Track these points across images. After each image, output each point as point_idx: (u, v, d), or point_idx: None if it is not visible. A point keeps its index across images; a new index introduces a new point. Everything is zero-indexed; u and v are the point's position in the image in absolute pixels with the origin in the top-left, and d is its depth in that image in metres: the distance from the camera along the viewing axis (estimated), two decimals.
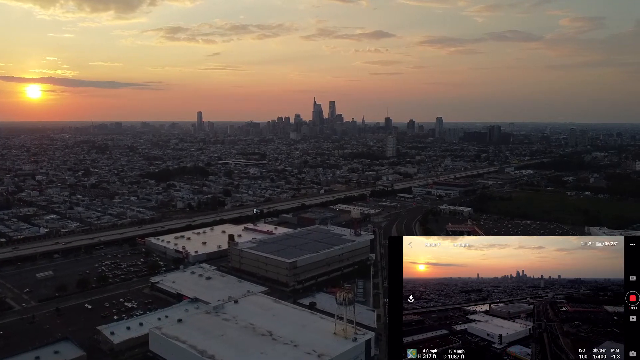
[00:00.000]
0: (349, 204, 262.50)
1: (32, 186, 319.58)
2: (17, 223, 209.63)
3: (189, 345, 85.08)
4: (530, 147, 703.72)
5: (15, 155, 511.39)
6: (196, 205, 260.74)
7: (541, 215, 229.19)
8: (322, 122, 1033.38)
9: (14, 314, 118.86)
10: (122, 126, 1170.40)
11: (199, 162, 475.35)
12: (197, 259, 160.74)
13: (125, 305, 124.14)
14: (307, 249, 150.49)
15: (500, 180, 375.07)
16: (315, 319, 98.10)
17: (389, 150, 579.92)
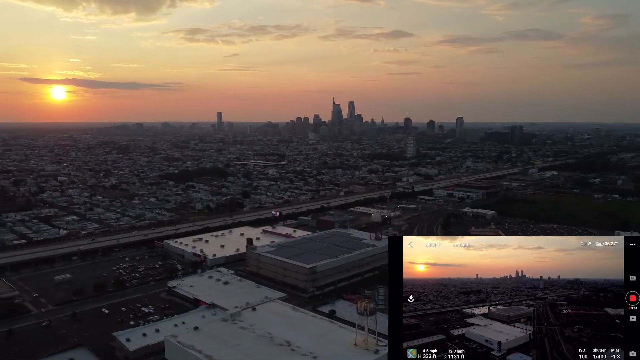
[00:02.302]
0: (369, 206, 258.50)
1: (54, 187, 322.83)
2: (38, 224, 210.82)
3: (204, 355, 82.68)
4: (554, 148, 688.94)
5: (39, 156, 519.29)
6: (215, 207, 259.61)
7: (567, 219, 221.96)
8: (341, 123, 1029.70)
9: (31, 318, 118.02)
10: (143, 127, 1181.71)
11: (218, 162, 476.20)
12: (214, 263, 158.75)
13: (142, 310, 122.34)
14: (326, 253, 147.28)
15: (523, 182, 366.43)
16: (335, 328, 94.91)
17: (408, 151, 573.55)
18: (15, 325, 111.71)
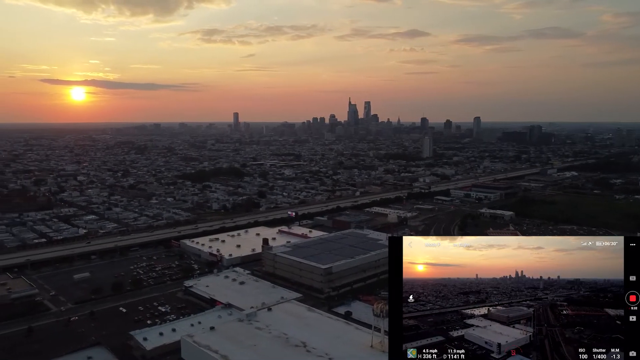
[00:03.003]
0: (385, 206, 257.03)
1: (74, 186, 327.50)
2: (58, 223, 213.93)
3: (220, 355, 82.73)
4: (573, 148, 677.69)
5: (59, 156, 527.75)
6: (231, 207, 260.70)
7: (587, 220, 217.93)
8: (357, 123, 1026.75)
9: (51, 316, 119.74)
10: (160, 127, 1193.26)
11: (234, 163, 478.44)
12: (231, 263, 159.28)
13: (159, 309, 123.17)
14: (342, 254, 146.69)
15: (542, 182, 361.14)
16: (351, 329, 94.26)
17: (425, 151, 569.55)
18: (35, 323, 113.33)
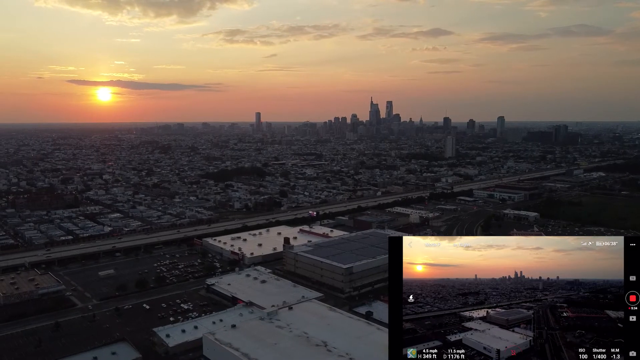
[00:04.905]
0: (407, 206, 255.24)
1: (99, 185, 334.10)
2: (84, 221, 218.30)
3: (241, 353, 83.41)
4: (601, 148, 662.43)
5: (86, 155, 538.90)
6: (253, 206, 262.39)
7: (615, 222, 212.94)
8: (378, 122, 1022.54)
9: (77, 312, 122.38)
10: (184, 127, 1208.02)
11: (256, 162, 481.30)
12: (252, 261, 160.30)
13: (182, 307, 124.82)
14: (363, 254, 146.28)
15: (568, 183, 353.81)
16: (372, 330, 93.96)
17: (448, 151, 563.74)
18: (62, 318, 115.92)
